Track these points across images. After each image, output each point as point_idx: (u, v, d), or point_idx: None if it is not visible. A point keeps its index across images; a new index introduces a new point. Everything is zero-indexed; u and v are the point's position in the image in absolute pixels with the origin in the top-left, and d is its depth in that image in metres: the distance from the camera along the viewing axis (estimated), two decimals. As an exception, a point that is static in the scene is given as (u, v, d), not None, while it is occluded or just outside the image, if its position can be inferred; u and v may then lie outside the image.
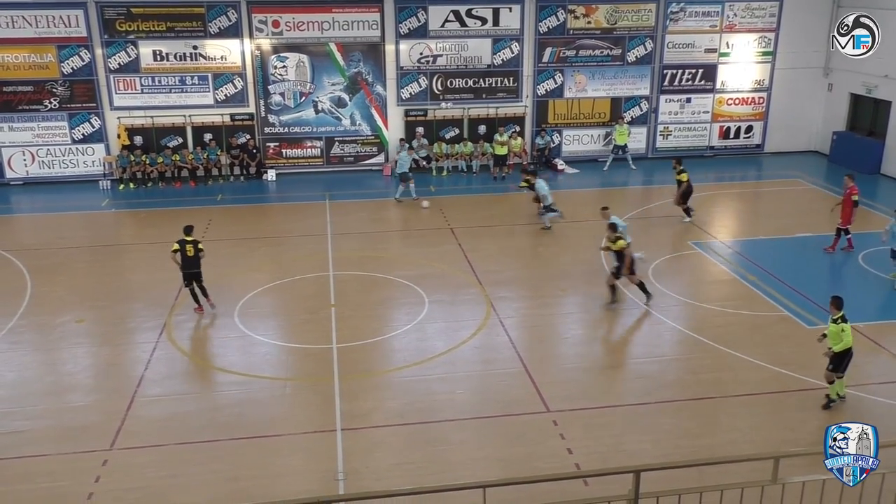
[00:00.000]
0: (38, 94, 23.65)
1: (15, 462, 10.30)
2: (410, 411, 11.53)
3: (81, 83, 23.77)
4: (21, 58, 23.28)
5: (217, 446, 10.64)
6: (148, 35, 23.64)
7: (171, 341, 13.75)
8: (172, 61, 24.00)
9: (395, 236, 20.06)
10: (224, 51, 24.20)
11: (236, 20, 23.90)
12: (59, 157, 24.27)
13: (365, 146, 25.73)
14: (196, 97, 24.40)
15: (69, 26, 23.24)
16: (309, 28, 24.34)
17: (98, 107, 24.04)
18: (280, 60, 24.52)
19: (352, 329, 14.15)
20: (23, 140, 23.97)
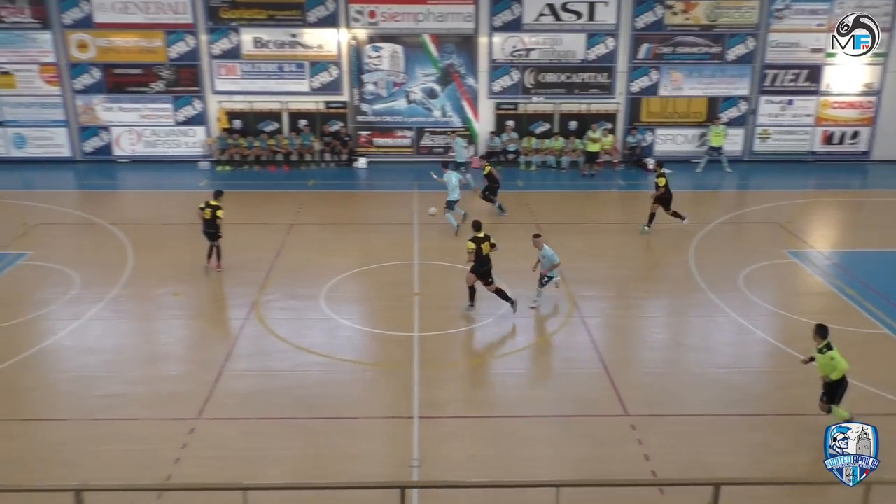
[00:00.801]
0: (146, 77, 24.76)
1: (111, 423, 10.87)
2: (487, 404, 11.56)
3: (186, 68, 24.75)
4: (132, 42, 24.42)
5: (297, 424, 10.93)
6: (250, 23, 24.39)
7: (259, 319, 14.19)
8: (272, 48, 24.69)
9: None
10: (321, 39, 24.73)
11: (334, 10, 24.36)
12: (162, 138, 25.36)
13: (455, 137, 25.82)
14: (293, 84, 25.03)
15: (177, 13, 24.21)
16: (404, 19, 24.58)
17: (201, 91, 24.99)
18: (375, 50, 24.88)
19: (434, 319, 14.26)
20: (130, 120, 25.17)
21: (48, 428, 10.78)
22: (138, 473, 9.59)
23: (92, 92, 24.86)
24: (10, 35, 24.16)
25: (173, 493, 8.81)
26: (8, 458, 10.00)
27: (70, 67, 24.57)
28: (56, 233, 18.85)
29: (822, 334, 10.35)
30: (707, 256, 17.39)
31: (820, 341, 10.34)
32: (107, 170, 24.76)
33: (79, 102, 24.95)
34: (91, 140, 25.30)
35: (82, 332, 13.62)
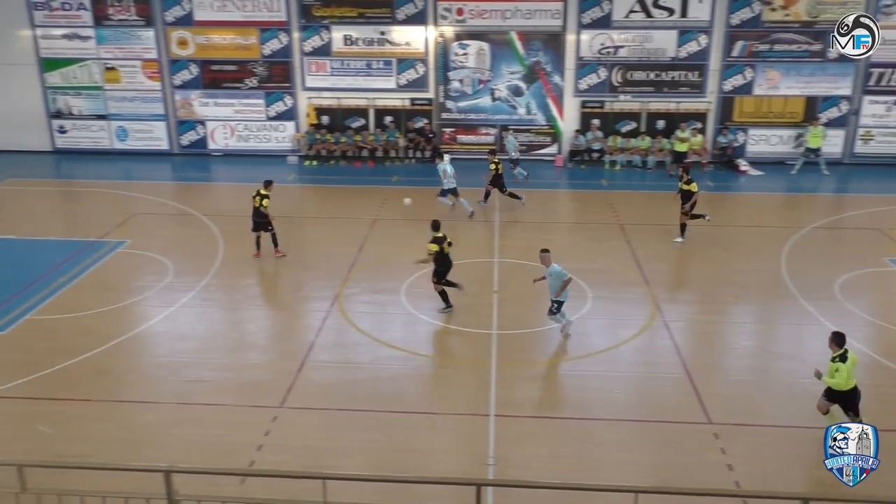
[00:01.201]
0: (241, 73, 25.58)
1: (199, 408, 11.31)
2: (564, 405, 11.46)
3: (278, 64, 25.44)
4: (228, 39, 25.28)
5: (375, 416, 11.10)
6: (340, 20, 24.86)
7: (341, 312, 14.48)
8: (361, 46, 25.10)
9: (563, 228, 19.90)
10: (409, 37, 24.97)
11: (422, 7, 24.55)
12: (254, 132, 26.16)
13: (539, 136, 25.67)
14: (380, 81, 25.38)
15: (271, 11, 24.90)
16: (492, 16, 24.56)
17: (292, 87, 25.64)
18: (461, 48, 24.95)
19: (512, 317, 14.23)
20: (224, 115, 26.07)
21: (141, 410, 11.31)
22: (223, 458, 9.94)
23: (190, 87, 25.87)
24: (116, 32, 25.40)
25: (255, 479, 9.09)
26: (106, 437, 10.55)
27: (170, 63, 25.63)
28: (153, 222, 19.72)
29: (838, 342, 10.03)
30: (800, 262, 16.72)
31: (836, 349, 10.02)
32: (201, 163, 25.73)
33: (177, 97, 26.00)
34: (187, 134, 26.33)
35: (174, 319, 14.21)
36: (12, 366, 12.36)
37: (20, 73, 25.94)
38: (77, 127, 26.51)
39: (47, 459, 9.39)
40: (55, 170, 25.48)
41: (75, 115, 26.39)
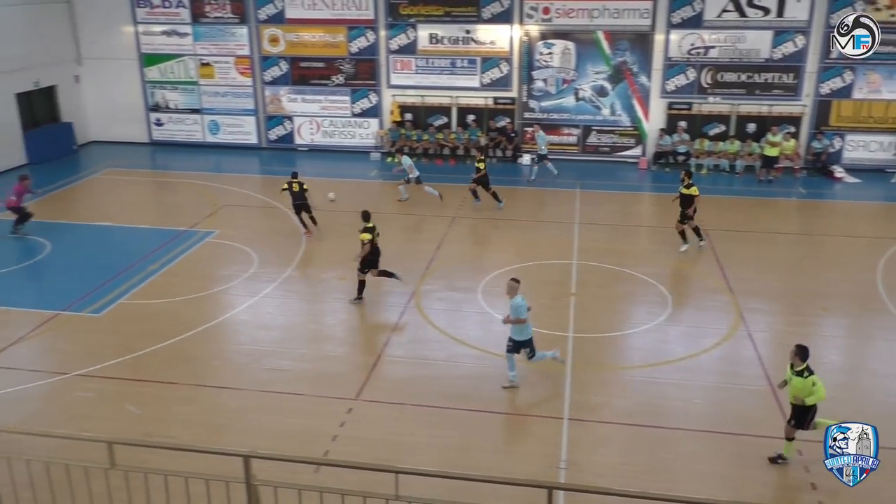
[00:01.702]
0: (328, 70, 26.11)
1: (276, 396, 11.61)
2: (640, 413, 11.23)
3: (365, 62, 25.84)
4: (317, 37, 25.83)
5: (448, 413, 11.16)
6: (427, 19, 25.06)
7: (418, 308, 14.61)
8: (446, 44, 25.24)
9: (644, 231, 19.52)
10: (494, 36, 24.95)
11: (509, 6, 24.49)
12: (339, 129, 26.66)
13: (623, 137, 25.25)
14: (463, 79, 25.46)
15: (359, 9, 25.32)
16: (578, 15, 24.28)
17: (377, 84, 26.01)
18: (546, 47, 24.77)
19: (589, 320, 14.05)
20: (311, 111, 26.67)
21: (224, 395, 11.69)
22: (299, 446, 10.18)
23: (279, 84, 26.57)
24: (211, 29, 26.32)
25: (329, 468, 9.26)
26: (189, 420, 10.96)
27: (261, 60, 26.39)
28: (240, 214, 20.35)
29: (801, 356, 9.66)
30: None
31: (799, 363, 9.65)
32: (287, 157, 26.38)
33: (267, 93, 26.75)
34: (275, 129, 27.05)
35: (257, 309, 14.64)
36: (106, 347, 12.98)
37: (123, 67, 27.21)
38: (173, 120, 27.63)
39: (135, 438, 9.83)
40: (151, 161, 26.61)
41: (171, 108, 27.51)
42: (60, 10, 26.57)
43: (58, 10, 26.45)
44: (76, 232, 19.02)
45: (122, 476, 6.26)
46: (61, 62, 26.67)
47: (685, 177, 17.51)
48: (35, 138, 25.20)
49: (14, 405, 11.32)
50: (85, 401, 11.47)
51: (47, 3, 25.90)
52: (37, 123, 25.81)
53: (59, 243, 18.00)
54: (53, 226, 19.06)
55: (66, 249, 17.78)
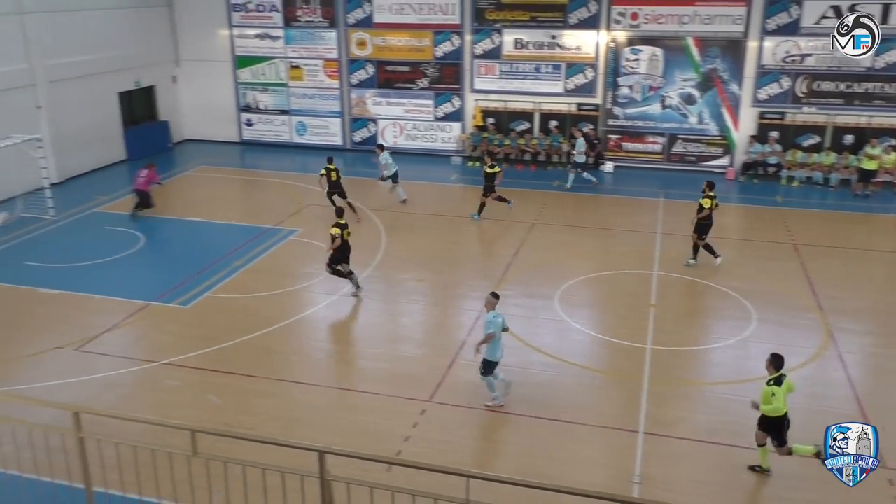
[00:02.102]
0: (413, 74, 26.41)
1: (352, 393, 11.81)
2: (720, 430, 10.91)
3: (449, 66, 26.02)
4: (403, 41, 26.17)
5: (521, 420, 11.11)
6: (512, 24, 25.03)
7: (493, 313, 14.57)
8: (531, 50, 25.15)
9: (729, 245, 18.92)
10: (580, 41, 24.72)
11: (596, 11, 24.23)
12: (421, 132, 26.92)
13: (710, 146, 24.60)
14: (547, 85, 25.32)
15: (446, 14, 25.52)
16: (668, 21, 23.81)
17: (460, 88, 26.15)
18: (633, 53, 24.38)
19: (669, 333, 13.74)
20: (395, 114, 27.03)
21: (301, 390, 11.97)
22: (372, 445, 10.32)
23: (365, 87, 27.04)
24: (302, 32, 27.02)
25: (400, 468, 9.34)
26: (268, 413, 11.27)
27: (349, 63, 26.91)
28: (323, 214, 20.75)
29: (775, 365, 9.58)
30: None
31: (772, 372, 9.56)
32: (371, 159, 26.77)
33: (353, 96, 27.27)
34: (360, 131, 27.54)
35: (336, 307, 14.92)
36: (191, 338, 13.48)
37: (217, 69, 28.23)
38: (262, 121, 28.48)
39: (216, 427, 10.17)
40: (240, 160, 27.49)
41: (261, 109, 28.36)
42: (162, 13, 27.78)
43: (159, 14, 27.66)
44: (168, 226, 19.83)
45: (203, 464, 6.48)
46: (161, 63, 27.88)
47: (706, 187, 16.82)
48: (134, 135, 26.41)
49: (106, 389, 11.88)
50: (171, 389, 11.94)
51: (150, 7, 27.11)
52: (136, 121, 27.04)
53: (153, 237, 18.80)
54: (147, 220, 19.92)
55: (158, 243, 18.56)
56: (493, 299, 11.36)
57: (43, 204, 19.99)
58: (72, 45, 23.40)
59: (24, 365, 12.58)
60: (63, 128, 23.24)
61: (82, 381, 12.02)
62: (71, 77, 23.38)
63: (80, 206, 20.90)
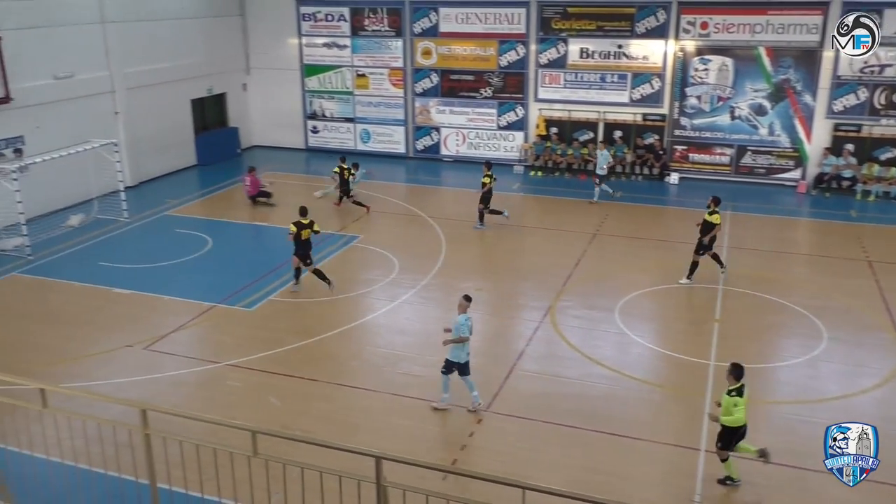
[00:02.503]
0: (478, 83, 26.47)
1: (409, 400, 11.85)
2: (785, 451, 10.56)
3: (513, 75, 26.00)
4: (468, 50, 26.28)
5: (579, 434, 10.97)
6: (578, 33, 24.87)
7: (552, 324, 14.48)
8: (597, 59, 24.93)
9: (799, 260, 18.39)
10: (647, 51, 24.39)
11: (664, 21, 23.88)
12: (484, 141, 26.94)
13: (780, 159, 23.93)
14: (612, 95, 25.05)
15: (511, 23, 25.52)
16: (739, 31, 23.29)
17: (524, 98, 26.08)
18: (702, 63, 23.92)
19: (733, 349, 13.37)
20: (458, 123, 27.14)
21: (359, 395, 12.08)
22: (428, 452, 10.35)
23: (429, 95, 27.23)
24: (369, 42, 27.39)
25: (455, 477, 9.34)
26: (326, 416, 11.42)
27: (413, 72, 27.15)
28: (385, 221, 20.99)
29: (736, 375, 9.61)
30: None
31: (733, 382, 9.59)
32: (432, 167, 26.95)
33: (417, 104, 27.48)
34: (423, 139, 27.73)
35: (395, 314, 15.02)
36: (255, 340, 13.77)
37: (286, 77, 28.85)
38: (328, 128, 28.96)
39: (276, 429, 10.34)
40: (305, 166, 27.99)
41: (327, 117, 28.84)
42: (234, 22, 28.56)
43: (232, 23, 28.44)
44: (235, 230, 20.32)
45: (263, 464, 6.59)
46: (232, 71, 28.65)
47: (711, 203, 16.25)
48: (204, 141, 27.17)
49: (172, 388, 12.23)
50: (233, 389, 12.21)
51: (223, 17, 27.91)
52: (206, 127, 27.82)
53: (220, 240, 19.28)
54: (215, 223, 20.46)
55: (225, 246, 19.03)
56: (465, 302, 11.50)
57: (118, 206, 20.74)
58: (149, 53, 24.25)
59: (95, 362, 13.05)
60: (138, 133, 24.07)
61: (149, 379, 12.40)
62: (147, 84, 24.21)
63: (152, 209, 21.60)
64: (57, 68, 21.05)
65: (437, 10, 26.19)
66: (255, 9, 28.67)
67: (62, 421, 6.97)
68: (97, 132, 21.24)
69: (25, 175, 18.15)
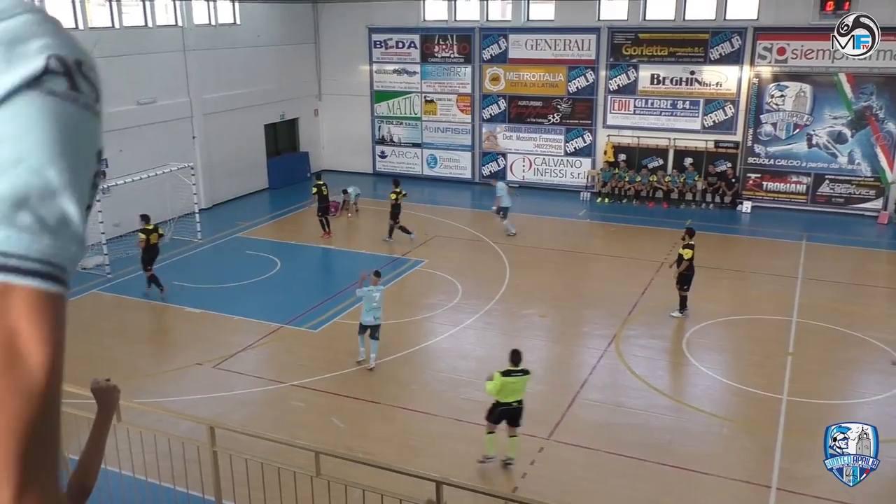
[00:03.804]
0: (545, 109, 26.47)
1: (470, 426, 11.76)
2: (862, 492, 10.07)
3: (582, 101, 25.90)
4: (537, 76, 26.32)
5: (644, 466, 10.72)
6: (650, 59, 24.65)
7: (617, 353, 14.24)
8: (668, 85, 24.64)
9: (880, 293, 17.64)
10: (721, 77, 23.99)
11: (739, 46, 23.47)
12: (551, 167, 26.86)
13: (860, 188, 23.10)
14: (683, 121, 24.68)
15: (581, 49, 25.48)
16: (817, 56, 22.69)
17: (592, 124, 25.94)
18: (779, 89, 23.37)
19: (808, 384, 12.90)
20: (525, 148, 27.14)
21: (421, 419, 12.10)
22: (488, 479, 10.27)
23: (496, 121, 27.35)
24: (438, 68, 27.74)
25: (516, 505, 9.24)
26: (388, 439, 11.46)
27: (481, 98, 27.34)
28: (450, 245, 21.09)
29: (511, 360, 10.55)
30: None
31: (509, 365, 10.49)
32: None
33: (484, 130, 27.63)
34: (489, 164, 27.82)
35: (458, 338, 15.03)
36: (319, 361, 13.97)
37: (356, 103, 29.44)
38: (395, 153, 29.37)
39: (338, 450, 10.43)
40: (373, 190, 28.37)
41: (395, 142, 29.26)
42: (308, 50, 29.38)
43: (305, 51, 29.26)
44: (303, 252, 20.73)
45: (325, 485, 6.66)
46: (304, 97, 29.42)
47: (685, 234, 15.65)
48: (277, 165, 27.90)
49: (238, 406, 12.49)
50: (297, 409, 12.39)
51: (297, 44, 28.74)
52: (279, 152, 28.59)
53: (288, 262, 19.70)
54: (284, 246, 20.92)
55: (293, 268, 19.43)
56: (374, 277, 13.57)
57: (192, 228, 21.43)
58: (226, 80, 25.14)
59: (167, 379, 13.45)
60: (213, 157, 24.91)
61: (218, 398, 12.69)
62: (224, 110, 25.07)
63: (225, 231, 22.24)
64: (140, 94, 22.02)
65: (507, 37, 26.36)
66: (328, 36, 29.42)
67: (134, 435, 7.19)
68: (175, 156, 22.06)
69: (107, 196, 18.95)
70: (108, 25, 21.30)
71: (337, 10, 28.74)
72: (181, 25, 23.32)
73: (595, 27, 25.10)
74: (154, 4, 22.45)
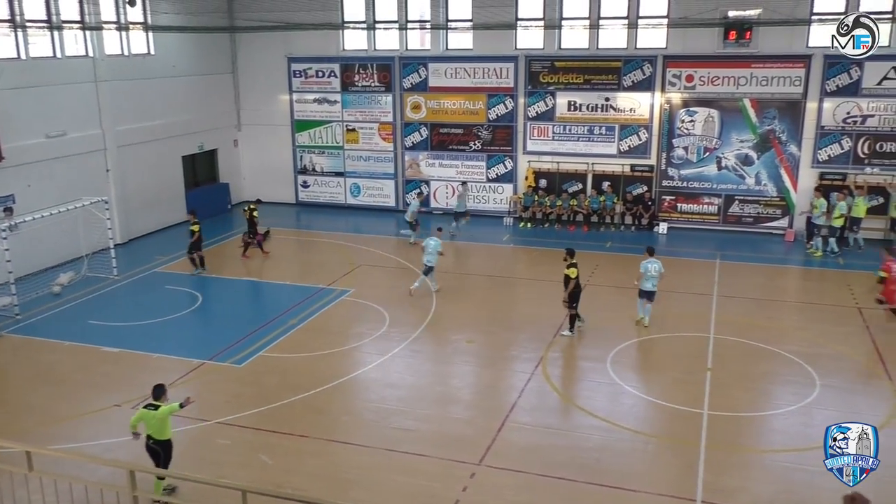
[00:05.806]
0: (466, 136, 26.81)
1: (402, 455, 11.70)
2: (782, 500, 10.45)
3: (502, 128, 26.37)
4: (457, 104, 26.67)
5: (575, 486, 10.83)
6: (566, 87, 25.32)
7: (544, 375, 14.41)
8: (584, 111, 25.35)
9: (790, 307, 18.45)
10: (634, 103, 24.83)
11: (650, 74, 24.37)
12: (474, 193, 27.14)
13: (767, 208, 24.21)
14: (600, 146, 25.40)
15: (500, 77, 25.98)
16: (723, 83, 23.78)
17: (513, 150, 26.41)
18: (689, 114, 24.36)
19: (726, 398, 13.34)
20: (447, 175, 27.38)
21: (352, 451, 11.92)
22: (421, 507, 10.17)
23: (418, 149, 27.54)
24: (359, 97, 27.78)
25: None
26: (318, 473, 11.25)
27: (403, 126, 27.50)
28: (375, 274, 21.01)
29: (153, 394, 10.62)
30: None
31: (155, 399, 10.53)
32: (423, 220, 27.03)
33: (406, 158, 27.76)
34: (413, 192, 27.91)
35: (386, 368, 14.93)
36: (245, 397, 13.63)
37: (277, 133, 29.15)
38: (318, 182, 29.15)
39: (267, 488, 10.17)
40: (296, 220, 28.10)
41: (318, 171, 29.06)
42: (226, 80, 28.98)
43: (223, 81, 28.86)
44: (225, 286, 20.27)
45: (252, 524, 6.48)
46: (223, 127, 28.96)
47: (566, 255, 16.37)
48: (195, 197, 27.23)
49: (160, 446, 12.02)
50: (223, 448, 12.04)
51: (214, 74, 28.31)
52: (197, 183, 27.99)
53: (210, 296, 19.23)
54: (205, 279, 20.42)
55: (214, 302, 18.97)
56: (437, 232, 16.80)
57: (107, 264, 20.69)
58: (141, 111, 24.53)
59: (84, 422, 12.87)
60: (129, 190, 24.19)
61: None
62: (139, 141, 24.42)
63: (142, 266, 21.56)
64: (49, 127, 21.25)
65: (427, 66, 26.67)
66: (247, 66, 29.12)
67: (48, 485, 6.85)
68: (88, 190, 21.33)
69: (15, 233, 18.15)
70: (14, 56, 20.52)
71: (255, 40, 28.50)
72: (92, 56, 22.68)
73: (513, 55, 25.67)
74: (63, 35, 21.76)
